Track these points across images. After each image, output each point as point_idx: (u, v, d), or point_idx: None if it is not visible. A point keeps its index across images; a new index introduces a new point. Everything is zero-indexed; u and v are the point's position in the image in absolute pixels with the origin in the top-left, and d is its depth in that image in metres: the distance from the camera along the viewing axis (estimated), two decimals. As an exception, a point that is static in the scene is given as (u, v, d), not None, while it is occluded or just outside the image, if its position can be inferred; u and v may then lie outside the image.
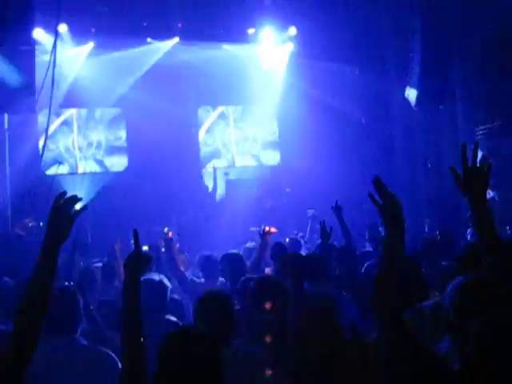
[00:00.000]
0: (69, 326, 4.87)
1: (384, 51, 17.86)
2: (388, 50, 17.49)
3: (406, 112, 17.26)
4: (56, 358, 4.55)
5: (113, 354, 4.81)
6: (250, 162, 20.90)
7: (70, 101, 18.11)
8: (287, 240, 12.36)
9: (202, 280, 9.07)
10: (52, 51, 15.08)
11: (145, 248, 15.08)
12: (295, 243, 11.75)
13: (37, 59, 14.21)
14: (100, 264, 11.08)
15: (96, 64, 18.40)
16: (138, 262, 4.06)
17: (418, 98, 15.68)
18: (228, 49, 19.50)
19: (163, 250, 10.08)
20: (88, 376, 4.58)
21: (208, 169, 20.22)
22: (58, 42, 15.74)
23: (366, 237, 12.34)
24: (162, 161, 18.99)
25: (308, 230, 15.33)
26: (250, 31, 19.04)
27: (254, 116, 21.02)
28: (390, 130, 18.63)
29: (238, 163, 20.79)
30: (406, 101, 16.39)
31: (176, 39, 18.85)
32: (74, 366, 4.54)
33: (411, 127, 18.07)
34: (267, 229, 9.17)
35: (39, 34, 16.14)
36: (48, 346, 4.50)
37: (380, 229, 11.37)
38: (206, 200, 19.02)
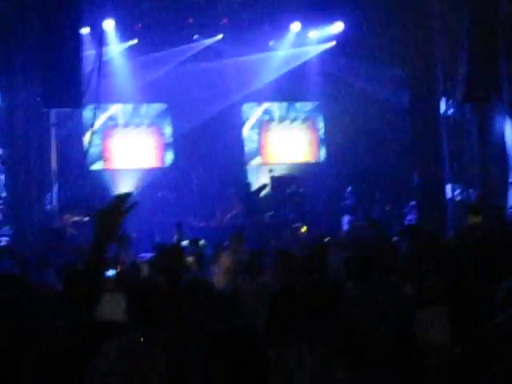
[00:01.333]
0: None
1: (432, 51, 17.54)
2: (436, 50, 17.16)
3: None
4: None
5: None
6: (295, 159, 20.78)
7: (115, 96, 18.20)
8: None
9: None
10: (98, 47, 15.26)
11: (185, 243, 15.22)
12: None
13: (83, 55, 14.32)
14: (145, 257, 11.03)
15: (142, 60, 18.47)
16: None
17: (466, 92, 15.39)
18: (273, 45, 19.45)
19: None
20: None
21: (252, 165, 20.18)
22: (105, 39, 15.97)
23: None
24: (207, 156, 19.01)
25: None
26: (295, 27, 18.96)
27: (298, 112, 20.91)
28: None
29: (283, 160, 20.67)
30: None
31: (220, 36, 18.87)
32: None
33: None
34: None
35: (86, 30, 16.27)
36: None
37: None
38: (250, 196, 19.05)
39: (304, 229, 12.09)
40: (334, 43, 19.39)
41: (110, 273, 6.17)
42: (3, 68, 14.07)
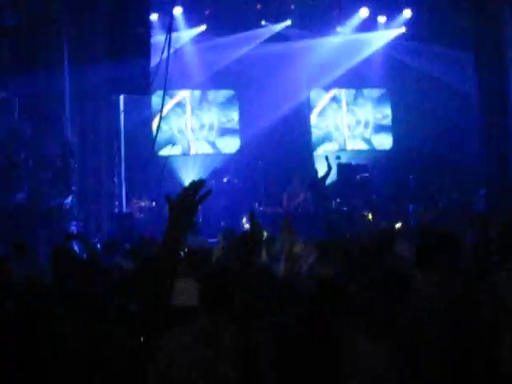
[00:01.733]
0: None
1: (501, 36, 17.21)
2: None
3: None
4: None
5: None
6: (362, 146, 20.65)
7: (183, 82, 18.33)
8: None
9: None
10: (167, 33, 15.32)
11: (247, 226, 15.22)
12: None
13: (152, 41, 14.43)
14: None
15: (210, 46, 18.55)
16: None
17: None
18: (341, 31, 19.33)
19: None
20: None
21: (319, 152, 20.10)
22: (174, 25, 16.02)
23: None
24: (274, 143, 19.00)
25: None
26: (364, 13, 18.82)
27: (366, 99, 20.75)
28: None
29: (350, 147, 20.56)
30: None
31: (288, 22, 18.83)
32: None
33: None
34: None
35: (155, 16, 16.40)
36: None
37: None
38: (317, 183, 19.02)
39: (370, 216, 12.00)
40: (402, 29, 19.17)
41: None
42: (72, 54, 14.22)
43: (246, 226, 17.28)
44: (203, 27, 18.39)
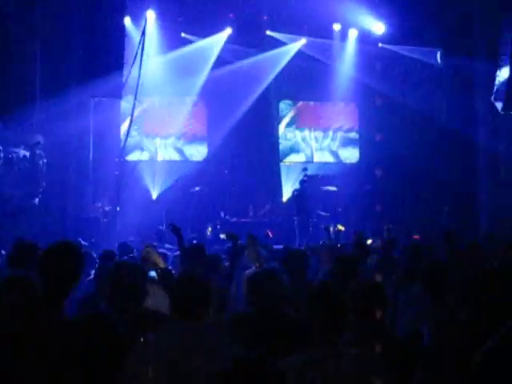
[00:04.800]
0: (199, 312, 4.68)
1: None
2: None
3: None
4: (186, 344, 4.43)
5: None
6: (329, 159, 20.74)
7: (153, 88, 18.22)
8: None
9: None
10: (140, 39, 15.29)
11: (222, 236, 15.19)
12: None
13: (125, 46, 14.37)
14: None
15: (179, 54, 18.53)
16: None
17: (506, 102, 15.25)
18: (310, 44, 19.42)
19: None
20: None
21: (286, 163, 20.17)
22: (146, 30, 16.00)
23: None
24: (241, 152, 19.00)
25: None
26: (336, 27, 18.97)
27: (334, 112, 20.84)
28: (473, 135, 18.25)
29: (317, 159, 20.64)
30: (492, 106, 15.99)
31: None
32: (202, 353, 4.39)
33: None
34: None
35: (128, 20, 16.34)
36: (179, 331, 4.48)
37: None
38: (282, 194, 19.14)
39: (342, 227, 12.04)
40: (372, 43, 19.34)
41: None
42: (44, 55, 14.08)
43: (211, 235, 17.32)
44: (175, 32, 18.37)
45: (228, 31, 18.78)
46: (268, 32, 19.00)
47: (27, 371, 3.74)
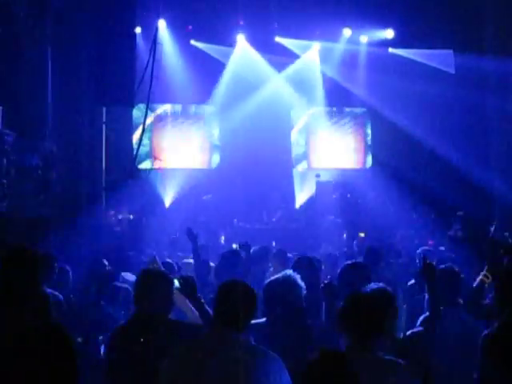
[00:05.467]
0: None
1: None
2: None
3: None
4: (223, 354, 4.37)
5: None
6: (341, 165, 20.67)
7: (165, 96, 18.23)
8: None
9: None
10: (152, 46, 15.29)
11: (234, 246, 15.17)
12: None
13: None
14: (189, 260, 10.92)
15: (192, 61, 18.57)
16: None
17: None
18: (322, 49, 19.43)
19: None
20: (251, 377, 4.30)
21: (299, 169, 20.16)
22: (157, 38, 15.98)
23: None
24: (254, 159, 18.95)
25: None
26: (346, 32, 18.96)
27: (346, 118, 20.79)
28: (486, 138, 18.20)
29: (329, 165, 20.57)
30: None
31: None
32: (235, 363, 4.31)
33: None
34: None
35: (138, 29, 16.36)
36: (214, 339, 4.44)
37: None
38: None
39: (362, 234, 12.05)
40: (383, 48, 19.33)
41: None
42: (55, 65, 14.10)
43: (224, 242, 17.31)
44: (187, 41, 18.45)
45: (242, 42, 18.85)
46: (277, 39, 18.99)
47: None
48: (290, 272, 5.69)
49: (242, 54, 19.16)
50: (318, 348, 3.68)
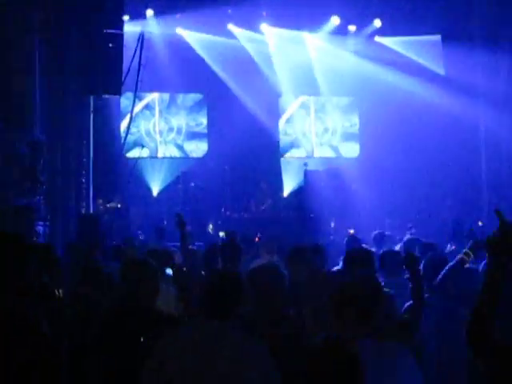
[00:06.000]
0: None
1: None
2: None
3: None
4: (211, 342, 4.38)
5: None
6: (329, 154, 20.73)
7: (152, 85, 18.20)
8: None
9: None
10: (139, 36, 15.30)
11: (221, 234, 15.22)
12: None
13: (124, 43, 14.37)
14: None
15: (179, 50, 18.53)
16: None
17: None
18: (310, 38, 19.44)
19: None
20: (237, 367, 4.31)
21: (287, 158, 20.19)
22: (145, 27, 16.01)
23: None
24: (242, 148, 18.93)
25: None
26: (334, 21, 18.94)
27: (334, 107, 20.83)
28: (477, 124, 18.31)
29: (317, 154, 20.63)
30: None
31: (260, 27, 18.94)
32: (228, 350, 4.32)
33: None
34: None
35: (126, 17, 16.32)
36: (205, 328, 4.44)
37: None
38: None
39: (352, 231, 12.07)
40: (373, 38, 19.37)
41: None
42: (42, 53, 14.05)
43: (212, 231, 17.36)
44: (174, 30, 18.40)
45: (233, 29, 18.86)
46: (264, 26, 18.97)
47: None
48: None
49: (231, 42, 19.10)
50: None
